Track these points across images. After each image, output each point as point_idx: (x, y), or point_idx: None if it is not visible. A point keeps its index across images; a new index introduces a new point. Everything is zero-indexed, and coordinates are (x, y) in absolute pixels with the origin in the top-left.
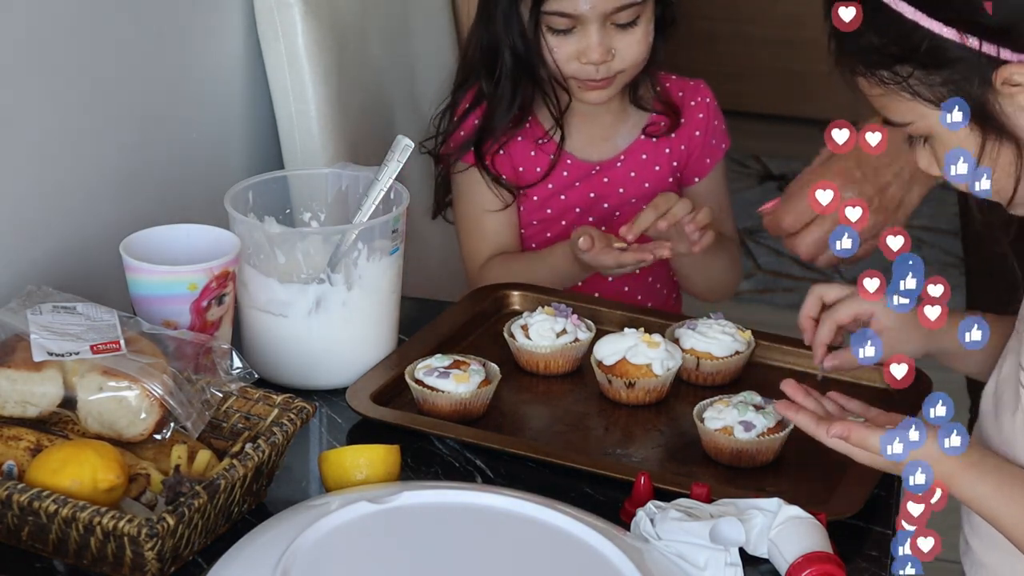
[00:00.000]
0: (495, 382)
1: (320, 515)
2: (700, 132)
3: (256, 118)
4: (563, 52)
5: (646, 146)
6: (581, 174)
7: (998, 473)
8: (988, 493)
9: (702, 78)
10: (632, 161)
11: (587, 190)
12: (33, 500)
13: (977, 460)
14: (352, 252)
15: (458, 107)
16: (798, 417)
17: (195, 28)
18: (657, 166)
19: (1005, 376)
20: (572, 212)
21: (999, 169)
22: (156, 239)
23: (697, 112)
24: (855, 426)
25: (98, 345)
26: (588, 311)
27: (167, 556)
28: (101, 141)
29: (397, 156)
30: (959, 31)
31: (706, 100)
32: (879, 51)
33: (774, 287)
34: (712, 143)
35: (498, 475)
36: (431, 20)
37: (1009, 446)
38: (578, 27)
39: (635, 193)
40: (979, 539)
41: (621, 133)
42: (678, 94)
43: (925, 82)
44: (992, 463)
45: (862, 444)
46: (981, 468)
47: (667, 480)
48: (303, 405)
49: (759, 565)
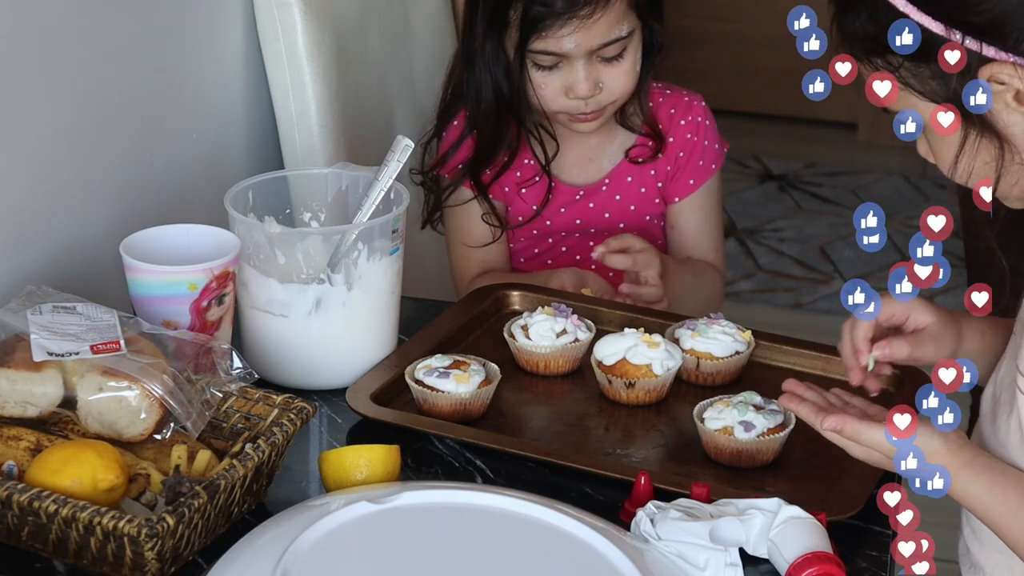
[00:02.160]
0: (495, 382)
1: (320, 515)
2: (685, 153)
3: (256, 118)
4: (550, 89)
5: (631, 168)
6: (566, 200)
7: (991, 473)
8: (981, 492)
9: (703, 79)
10: (617, 184)
11: (573, 216)
12: (33, 500)
13: (970, 460)
14: (352, 252)
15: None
16: (800, 408)
17: (195, 28)
18: (643, 187)
19: (1002, 379)
20: (558, 235)
21: (979, 164)
22: (156, 239)
23: (686, 132)
24: (850, 419)
25: (98, 345)
26: (588, 311)
27: (167, 556)
28: (101, 141)
29: (397, 156)
30: (946, 26)
31: (697, 119)
32: (873, 39)
33: (774, 287)
34: (699, 164)
35: (498, 475)
36: (431, 20)
37: (1004, 448)
38: (564, 63)
39: (621, 217)
40: (979, 543)
41: (607, 154)
42: (669, 111)
43: (914, 74)
44: (985, 463)
45: (855, 437)
46: (974, 468)
47: (667, 480)
48: (303, 405)
49: (759, 565)
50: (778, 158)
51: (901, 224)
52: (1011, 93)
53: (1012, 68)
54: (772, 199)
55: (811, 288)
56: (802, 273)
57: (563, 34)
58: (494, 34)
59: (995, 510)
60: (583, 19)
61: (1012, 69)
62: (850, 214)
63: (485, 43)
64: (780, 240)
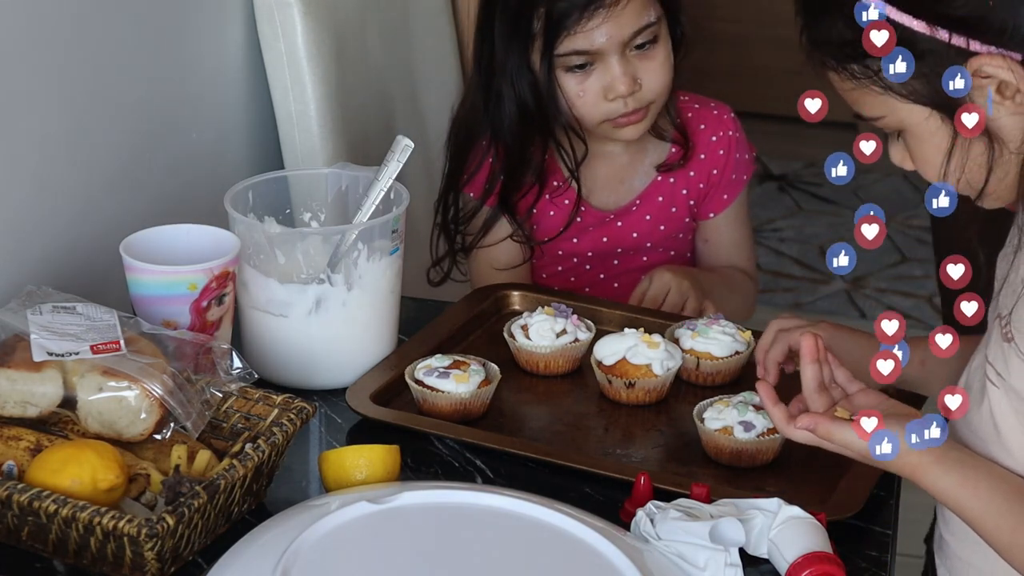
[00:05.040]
0: (495, 382)
1: (320, 515)
2: (718, 170)
3: (256, 118)
4: (589, 96)
5: (662, 187)
6: (595, 221)
7: (962, 467)
8: (953, 486)
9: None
10: (648, 204)
11: (600, 235)
12: (33, 500)
13: (941, 454)
14: (352, 252)
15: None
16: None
17: (195, 28)
18: (674, 207)
19: (975, 370)
20: (584, 255)
21: (971, 161)
22: (156, 239)
23: (718, 148)
24: (821, 419)
25: (98, 345)
26: (588, 311)
27: (167, 556)
28: (101, 141)
29: (397, 156)
30: (928, 23)
31: (728, 133)
32: (850, 44)
33: (774, 287)
34: (732, 178)
35: (498, 475)
36: (431, 20)
37: (978, 439)
38: (597, 63)
39: (650, 237)
40: (952, 533)
41: (639, 173)
42: (699, 126)
43: None
44: (956, 457)
45: (828, 437)
46: (945, 463)
47: (667, 480)
48: (303, 405)
49: (759, 565)
50: (778, 158)
51: (901, 224)
52: (994, 85)
53: (1000, 60)
54: (772, 199)
55: (811, 288)
56: (802, 273)
57: (592, 27)
58: (517, 47)
59: (967, 504)
60: (610, 7)
61: (1000, 60)
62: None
63: (507, 58)
64: (780, 240)
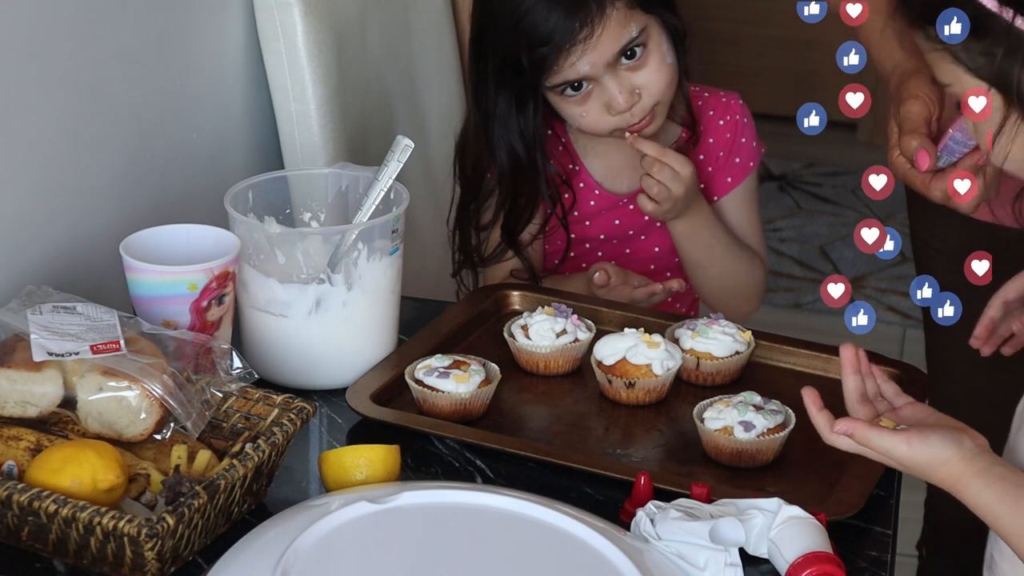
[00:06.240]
0: (495, 382)
1: (320, 515)
2: (724, 152)
3: (256, 118)
4: (591, 115)
5: None
6: (609, 204)
7: (1003, 483)
8: (992, 502)
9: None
10: None
11: (612, 218)
12: (33, 500)
13: (984, 469)
14: (352, 252)
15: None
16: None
17: (195, 28)
18: None
19: None
20: (596, 239)
21: (1018, 146)
22: (156, 239)
23: (725, 131)
24: (860, 424)
25: (98, 345)
26: (588, 311)
27: (167, 556)
28: (101, 141)
29: (397, 156)
30: (999, 2)
31: (736, 117)
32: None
33: (774, 287)
34: (736, 162)
35: (498, 475)
36: (431, 20)
37: None
38: (592, 84)
39: None
40: (1001, 553)
41: None
42: (708, 112)
43: (964, 48)
44: (999, 473)
45: (866, 443)
46: (987, 477)
47: (667, 480)
48: (303, 405)
49: (759, 565)
50: (778, 158)
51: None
52: None
53: None
54: (772, 199)
55: (811, 288)
56: (802, 273)
57: (572, 61)
58: (506, 93)
59: (1004, 520)
60: (584, 41)
61: None
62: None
63: (497, 104)
64: (780, 240)
